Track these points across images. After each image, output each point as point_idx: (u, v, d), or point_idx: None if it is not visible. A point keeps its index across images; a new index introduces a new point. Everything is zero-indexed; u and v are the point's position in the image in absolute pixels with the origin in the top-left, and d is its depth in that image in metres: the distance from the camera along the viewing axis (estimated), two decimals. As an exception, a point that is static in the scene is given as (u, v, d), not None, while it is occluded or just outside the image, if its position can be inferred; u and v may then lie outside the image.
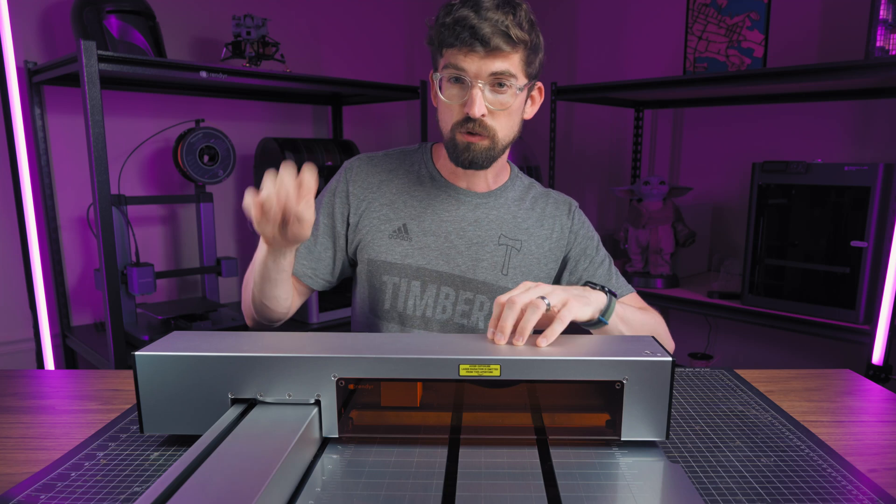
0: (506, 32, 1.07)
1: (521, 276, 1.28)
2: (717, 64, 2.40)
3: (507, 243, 1.28)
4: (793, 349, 2.67)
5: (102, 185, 1.93)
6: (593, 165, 3.33)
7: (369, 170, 1.30)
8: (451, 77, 1.12)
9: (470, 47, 1.07)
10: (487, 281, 1.26)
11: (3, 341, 2.34)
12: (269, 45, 2.49)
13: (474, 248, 1.26)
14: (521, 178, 1.36)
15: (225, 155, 2.44)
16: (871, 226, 1.95)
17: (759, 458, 0.86)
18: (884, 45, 1.96)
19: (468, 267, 1.26)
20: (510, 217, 1.29)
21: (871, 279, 1.97)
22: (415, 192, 1.28)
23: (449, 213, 1.27)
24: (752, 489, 0.77)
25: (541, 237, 1.31)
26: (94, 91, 1.87)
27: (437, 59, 1.15)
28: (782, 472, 0.82)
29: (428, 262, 1.25)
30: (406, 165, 1.31)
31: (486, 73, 1.10)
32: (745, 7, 2.30)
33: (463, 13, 1.07)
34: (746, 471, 0.82)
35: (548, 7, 3.41)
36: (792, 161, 2.09)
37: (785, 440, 0.92)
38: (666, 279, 2.55)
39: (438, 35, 1.12)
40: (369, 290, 1.29)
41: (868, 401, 1.10)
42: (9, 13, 1.93)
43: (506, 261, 1.28)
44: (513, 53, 1.10)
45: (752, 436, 0.93)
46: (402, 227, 1.26)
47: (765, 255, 2.20)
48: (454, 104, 1.14)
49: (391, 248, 1.25)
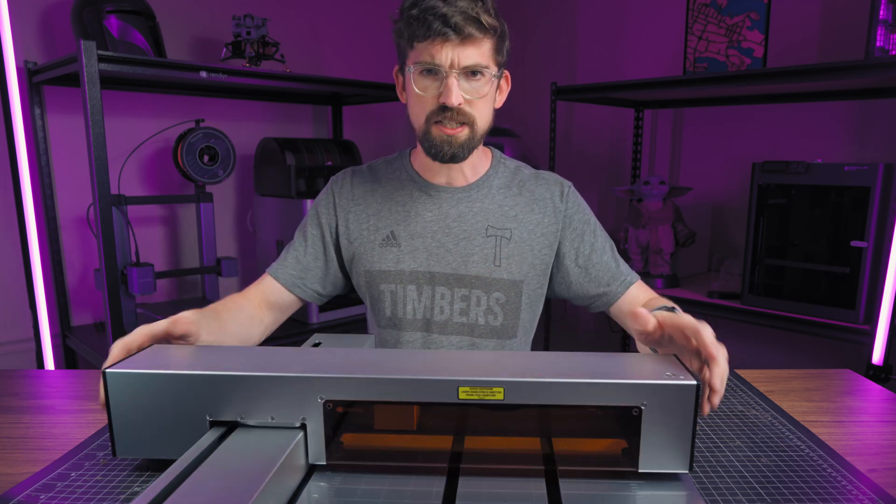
0: (477, 19, 1.06)
1: (514, 265, 1.26)
2: (717, 64, 2.40)
3: (495, 234, 1.26)
4: (793, 349, 2.67)
5: (102, 185, 1.94)
6: (593, 165, 3.34)
7: (354, 182, 1.31)
8: (422, 69, 1.11)
9: (443, 37, 1.06)
10: (480, 275, 1.24)
11: (3, 341, 2.35)
12: (269, 45, 2.51)
13: (462, 244, 1.25)
14: (505, 164, 1.33)
15: (225, 155, 2.46)
16: (872, 226, 1.95)
17: (758, 458, 0.86)
18: (884, 45, 1.97)
19: (459, 263, 1.25)
20: (495, 207, 1.27)
21: (872, 279, 1.97)
22: (398, 198, 1.28)
23: (432, 212, 1.26)
24: (752, 489, 0.77)
25: (531, 222, 1.28)
26: (95, 91, 1.88)
27: (407, 53, 1.14)
28: (782, 472, 0.82)
29: (419, 264, 1.25)
30: (388, 173, 1.31)
31: (460, 62, 1.09)
32: (745, 7, 2.30)
33: (431, 2, 1.06)
34: (746, 471, 0.82)
35: (548, 7, 3.43)
36: (792, 161, 2.09)
37: (785, 440, 0.92)
38: (666, 279, 2.56)
39: (408, 28, 1.10)
40: (371, 301, 1.29)
41: (868, 401, 1.10)
42: (9, 13, 1.94)
43: (496, 252, 1.26)
44: (484, 40, 1.10)
45: (752, 436, 0.93)
46: (390, 234, 1.26)
47: (765, 255, 2.21)
48: (428, 95, 1.13)
49: (384, 257, 1.26)
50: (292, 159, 2.57)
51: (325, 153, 2.67)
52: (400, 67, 1.19)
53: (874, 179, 1.91)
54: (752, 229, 2.21)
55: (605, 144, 3.29)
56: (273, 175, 2.61)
